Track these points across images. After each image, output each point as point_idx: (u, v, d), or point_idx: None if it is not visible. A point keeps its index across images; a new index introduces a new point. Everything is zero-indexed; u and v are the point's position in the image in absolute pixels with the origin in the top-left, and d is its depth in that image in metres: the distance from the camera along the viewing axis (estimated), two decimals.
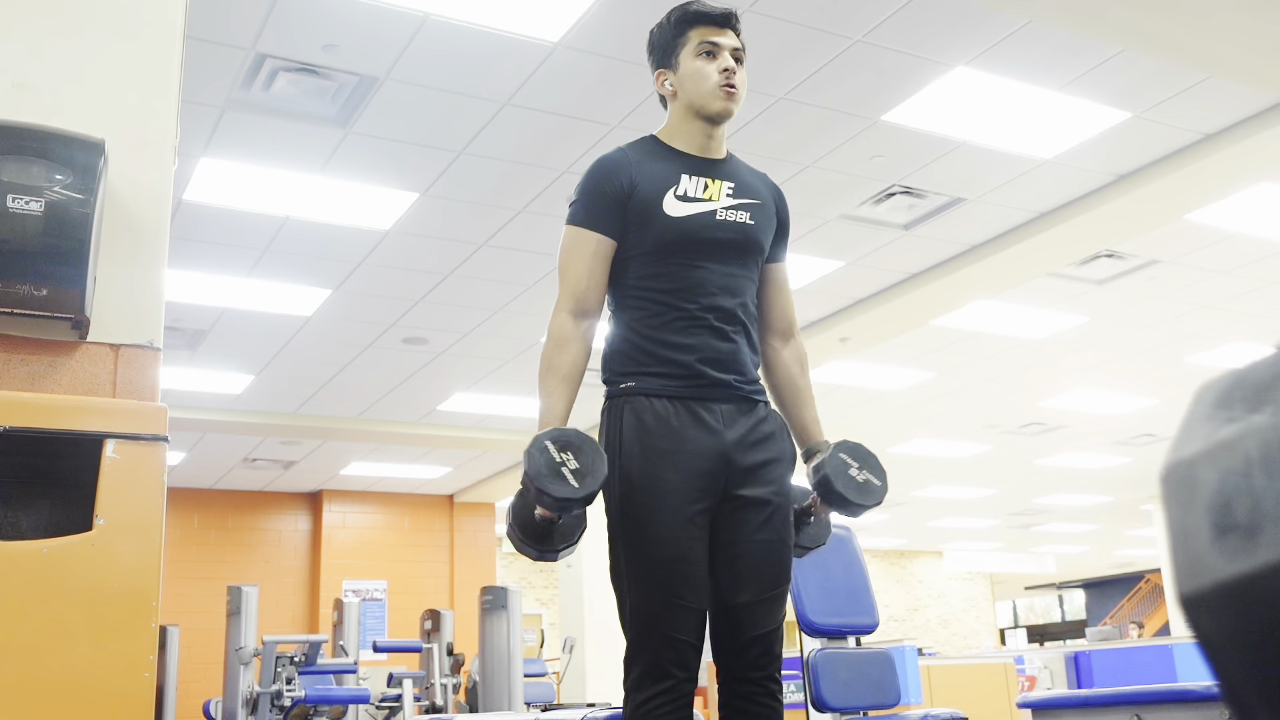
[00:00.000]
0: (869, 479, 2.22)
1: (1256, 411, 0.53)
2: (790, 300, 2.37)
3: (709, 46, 2.20)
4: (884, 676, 3.27)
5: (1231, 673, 0.54)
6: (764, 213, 2.26)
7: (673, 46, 2.23)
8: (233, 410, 9.63)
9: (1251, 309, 8.08)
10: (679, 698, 2.00)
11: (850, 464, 2.21)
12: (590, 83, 4.83)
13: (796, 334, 2.37)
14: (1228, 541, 0.52)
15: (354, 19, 4.36)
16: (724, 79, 2.18)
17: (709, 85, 2.18)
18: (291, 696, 5.89)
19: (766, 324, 2.33)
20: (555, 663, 10.32)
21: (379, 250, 6.49)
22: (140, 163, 2.26)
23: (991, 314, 7.95)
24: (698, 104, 2.20)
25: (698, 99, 2.20)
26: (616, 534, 2.09)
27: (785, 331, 2.34)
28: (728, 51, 2.21)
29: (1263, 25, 4.44)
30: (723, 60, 2.19)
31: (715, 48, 2.20)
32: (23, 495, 1.98)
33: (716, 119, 2.22)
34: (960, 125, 5.37)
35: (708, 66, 2.19)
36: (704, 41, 2.20)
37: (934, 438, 11.75)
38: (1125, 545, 20.80)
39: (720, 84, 2.18)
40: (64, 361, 2.10)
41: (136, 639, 1.78)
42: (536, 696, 8.32)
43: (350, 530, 12.82)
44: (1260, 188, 6.11)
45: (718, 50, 2.20)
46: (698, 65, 2.19)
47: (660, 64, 2.26)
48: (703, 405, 2.10)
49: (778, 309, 2.34)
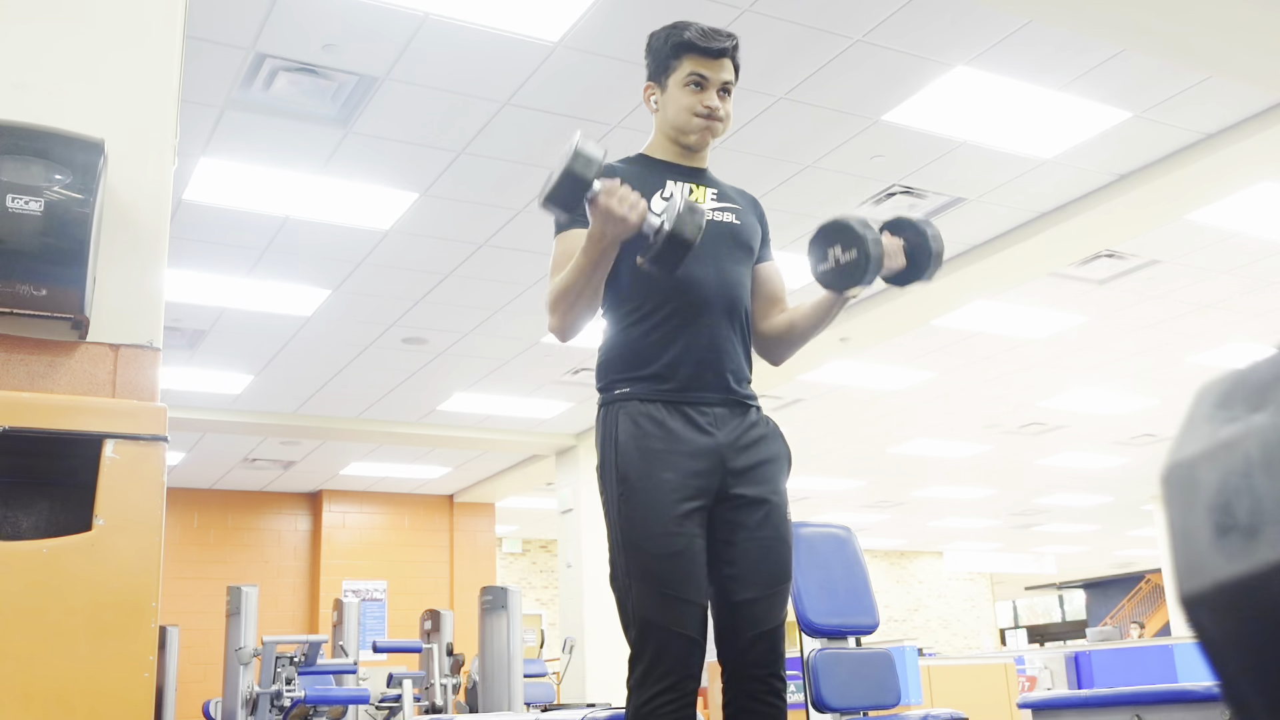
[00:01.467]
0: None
1: (1257, 412, 0.53)
2: (782, 284, 2.41)
3: (697, 79, 2.23)
4: (884, 677, 3.27)
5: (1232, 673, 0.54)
6: (747, 217, 2.32)
7: (665, 66, 2.28)
8: (232, 410, 9.63)
9: (1251, 309, 8.07)
10: (682, 695, 2.02)
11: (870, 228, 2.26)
12: (590, 83, 4.83)
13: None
14: (1228, 541, 0.52)
15: (354, 19, 4.36)
16: (705, 113, 2.23)
17: (687, 118, 2.24)
18: (291, 697, 5.89)
19: (765, 310, 2.37)
20: (555, 663, 10.31)
21: (379, 250, 6.49)
22: (140, 163, 2.26)
23: (991, 314, 7.95)
24: (674, 134, 2.27)
25: (674, 129, 2.27)
26: (615, 534, 2.11)
27: (783, 305, 2.39)
28: (715, 88, 2.24)
29: (1263, 25, 4.43)
30: (708, 97, 2.23)
31: (704, 81, 2.23)
32: (23, 495, 1.97)
33: (692, 148, 2.28)
34: (960, 125, 5.37)
35: (691, 99, 2.23)
36: (693, 73, 2.23)
37: (934, 438, 11.75)
38: (1126, 545, 20.80)
39: (700, 119, 2.23)
40: (63, 361, 2.10)
41: (136, 639, 1.78)
42: (536, 697, 8.32)
43: (350, 530, 12.82)
44: (1260, 188, 6.11)
45: (705, 84, 2.23)
46: (682, 95, 2.24)
47: (652, 76, 2.32)
48: (695, 409, 2.13)
49: (774, 295, 2.39)
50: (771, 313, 2.37)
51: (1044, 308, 7.89)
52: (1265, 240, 6.87)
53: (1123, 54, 4.80)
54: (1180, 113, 5.34)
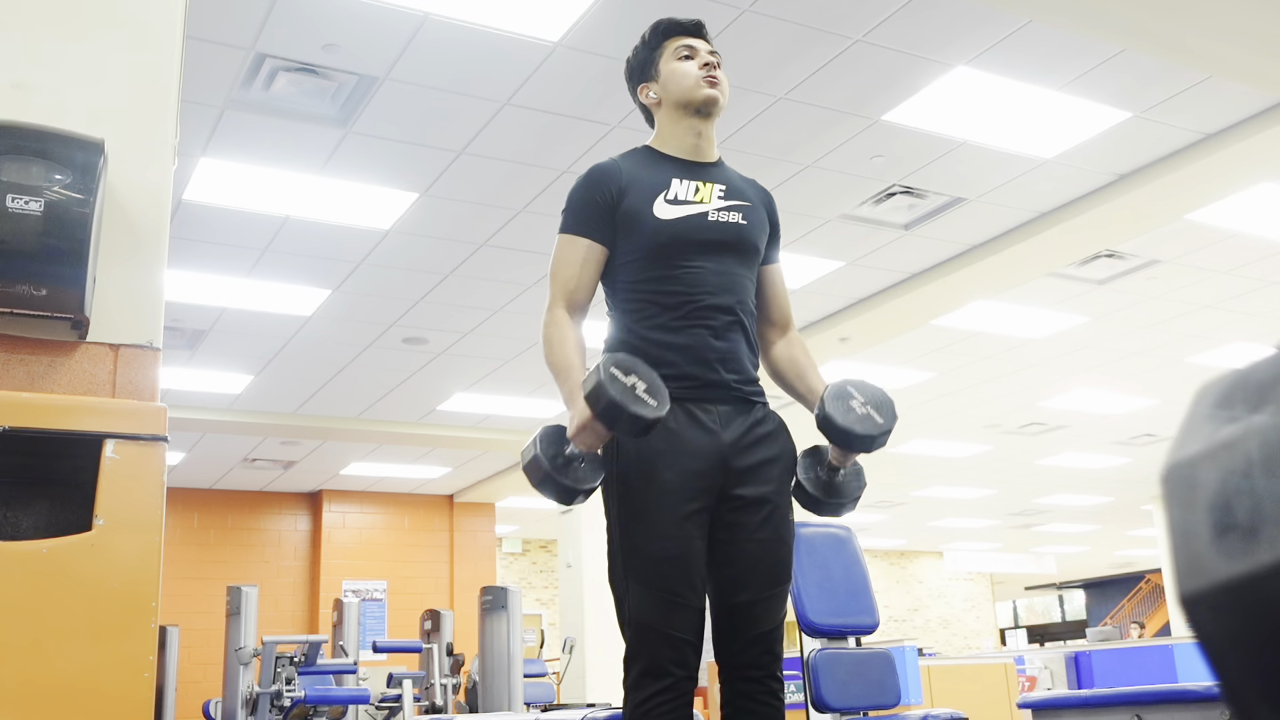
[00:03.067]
0: (869, 413, 2.17)
1: (1257, 411, 0.53)
2: (787, 298, 2.41)
3: (686, 50, 2.29)
4: (884, 677, 3.27)
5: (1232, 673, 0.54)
6: (756, 215, 2.30)
7: (650, 60, 2.31)
8: (232, 410, 9.63)
9: (1251, 309, 8.08)
10: (678, 696, 2.01)
11: (853, 395, 2.18)
12: (590, 83, 4.83)
13: (794, 329, 2.41)
14: (1228, 541, 0.52)
15: (354, 19, 4.36)
16: (705, 71, 2.26)
17: (692, 79, 2.26)
18: (291, 697, 5.89)
19: (765, 321, 2.37)
20: (555, 663, 10.31)
21: (379, 250, 6.49)
22: (140, 163, 2.26)
23: (991, 314, 7.95)
24: (684, 98, 2.26)
25: (682, 93, 2.26)
26: (614, 534, 2.10)
27: (784, 326, 2.39)
28: (704, 52, 2.30)
29: (1263, 25, 4.43)
30: (701, 58, 2.28)
31: (692, 49, 2.29)
32: (23, 495, 1.97)
33: (704, 108, 2.26)
34: (960, 125, 5.37)
35: (687, 64, 2.27)
36: (680, 46, 2.29)
37: (934, 438, 11.75)
38: (1126, 545, 20.80)
39: (703, 76, 2.26)
40: (63, 361, 2.10)
41: (136, 639, 1.78)
42: (536, 697, 8.31)
43: (350, 530, 12.82)
44: (1260, 188, 6.11)
45: (695, 52, 2.29)
46: (677, 65, 2.28)
47: (640, 80, 2.34)
48: (699, 406, 2.12)
49: (775, 307, 2.38)
50: (769, 332, 2.36)
51: (1044, 308, 7.89)
52: (1265, 240, 6.87)
53: (1123, 54, 4.80)
54: (1180, 113, 5.34)
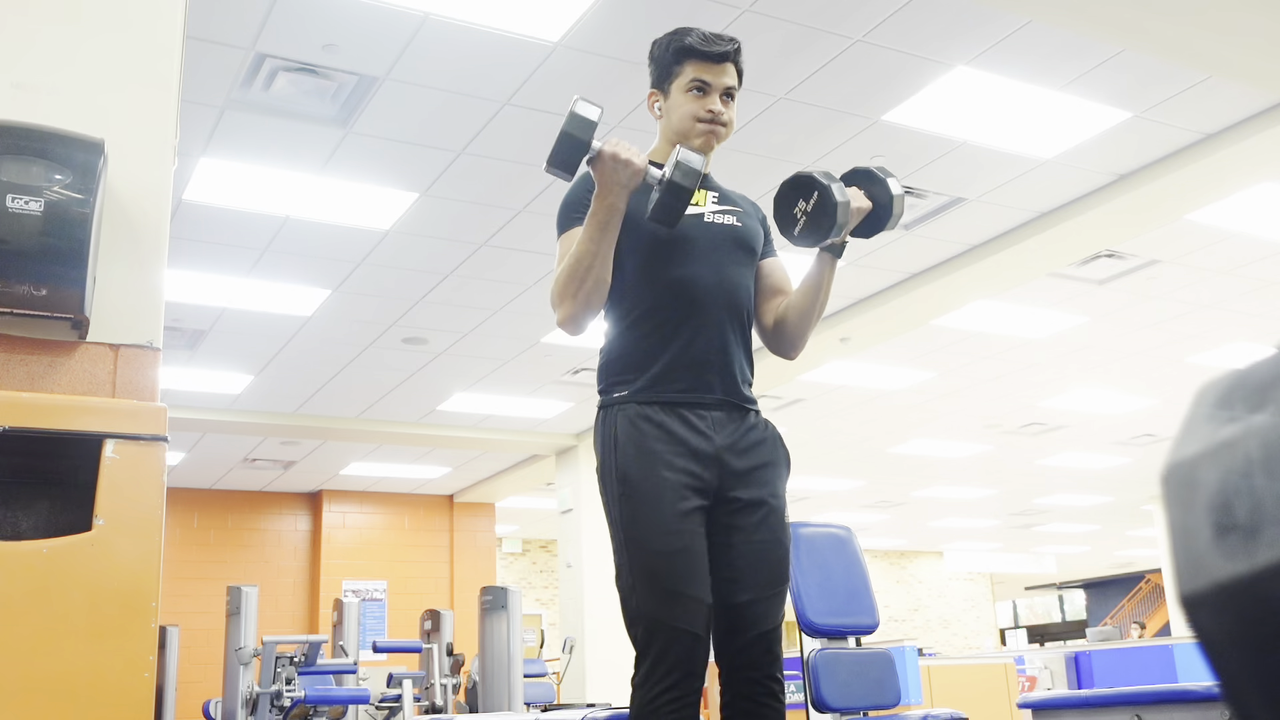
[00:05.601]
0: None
1: (1257, 411, 0.53)
2: (787, 276, 2.39)
3: (699, 84, 2.22)
4: (884, 677, 3.27)
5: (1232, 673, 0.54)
6: (749, 220, 2.32)
7: (668, 72, 2.27)
8: (232, 410, 9.63)
9: (1251, 309, 8.07)
10: (685, 694, 2.02)
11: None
12: (590, 83, 4.82)
13: None
14: (1228, 541, 0.52)
15: (354, 19, 4.36)
16: (709, 118, 2.22)
17: (690, 124, 2.22)
18: (291, 697, 5.89)
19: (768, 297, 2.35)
20: (555, 663, 10.31)
21: (379, 250, 6.49)
22: (140, 163, 2.26)
23: (991, 314, 7.95)
24: (679, 140, 2.24)
25: (678, 135, 2.24)
26: (618, 534, 2.11)
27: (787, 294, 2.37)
28: (718, 93, 2.23)
29: (1263, 25, 4.43)
30: (710, 100, 2.22)
31: (706, 86, 2.22)
32: (22, 495, 1.97)
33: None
34: (960, 125, 5.37)
35: (694, 104, 2.22)
36: (695, 79, 2.23)
37: (934, 438, 11.75)
38: (1126, 545, 20.80)
39: (704, 124, 2.22)
40: (63, 361, 2.10)
41: (136, 639, 1.78)
42: (536, 697, 8.31)
43: (350, 530, 12.82)
44: (1260, 188, 6.11)
45: (708, 90, 2.23)
46: (684, 102, 2.23)
47: (655, 83, 2.31)
48: (693, 411, 2.13)
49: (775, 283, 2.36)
50: (775, 303, 2.36)
51: (1044, 308, 7.89)
52: (1265, 240, 6.87)
53: (1122, 54, 4.80)
54: (1180, 113, 5.34)
